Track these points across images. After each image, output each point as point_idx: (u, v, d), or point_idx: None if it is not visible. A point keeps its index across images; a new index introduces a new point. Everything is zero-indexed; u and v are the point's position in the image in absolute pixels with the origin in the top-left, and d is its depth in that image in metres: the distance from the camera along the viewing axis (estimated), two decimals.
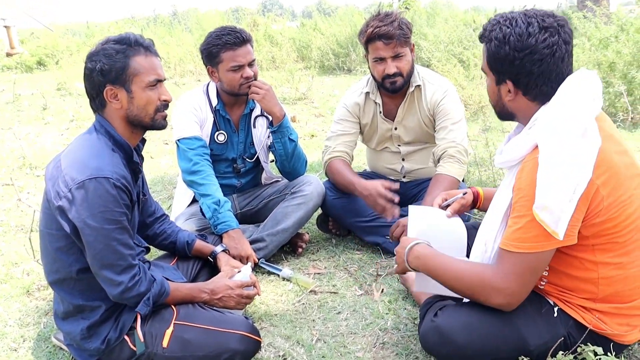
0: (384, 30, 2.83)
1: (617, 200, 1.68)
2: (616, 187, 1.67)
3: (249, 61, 2.86)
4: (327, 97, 7.85)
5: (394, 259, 2.97)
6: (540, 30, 1.70)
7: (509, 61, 1.75)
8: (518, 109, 1.84)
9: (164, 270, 2.30)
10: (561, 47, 1.70)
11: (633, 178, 1.72)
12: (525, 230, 1.68)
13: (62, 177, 1.90)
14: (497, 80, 1.84)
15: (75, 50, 12.52)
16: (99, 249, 1.90)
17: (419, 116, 3.08)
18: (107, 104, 2.00)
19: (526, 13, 1.75)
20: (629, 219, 1.70)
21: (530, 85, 1.76)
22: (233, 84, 2.87)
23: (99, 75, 1.95)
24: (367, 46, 2.95)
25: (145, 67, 2.00)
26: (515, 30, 1.71)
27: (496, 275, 1.76)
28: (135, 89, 1.99)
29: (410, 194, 3.26)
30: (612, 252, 1.74)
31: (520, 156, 1.76)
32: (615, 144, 1.74)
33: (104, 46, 1.98)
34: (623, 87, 5.22)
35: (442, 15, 11.27)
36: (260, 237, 2.94)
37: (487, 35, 1.80)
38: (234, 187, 3.18)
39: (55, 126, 6.71)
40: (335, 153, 3.15)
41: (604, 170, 1.65)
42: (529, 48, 1.70)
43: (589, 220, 1.68)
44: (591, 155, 1.63)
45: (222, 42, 2.82)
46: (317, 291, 2.73)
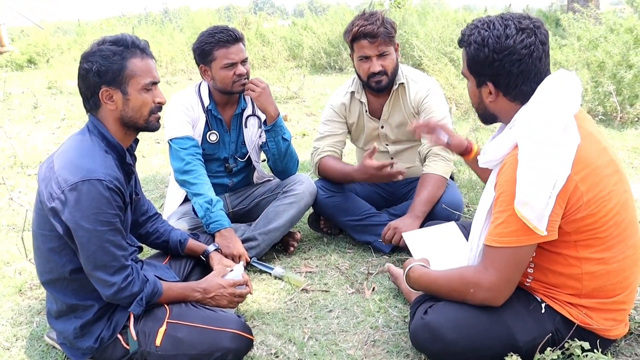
0: (369, 29, 2.87)
1: (597, 196, 1.72)
2: (595, 183, 1.72)
3: (241, 59, 2.88)
4: (318, 96, 7.87)
5: (384, 258, 3.03)
6: (517, 32, 1.75)
7: (489, 63, 1.79)
8: (499, 110, 1.88)
9: (157, 269, 2.31)
10: (538, 47, 1.76)
11: (612, 175, 1.77)
12: (506, 225, 1.74)
13: (55, 178, 1.91)
14: (477, 83, 1.88)
15: (66, 48, 12.48)
16: (92, 250, 1.91)
17: (404, 114, 3.11)
18: (102, 105, 2.01)
19: (503, 16, 1.81)
20: (608, 215, 1.74)
21: (510, 85, 1.81)
22: (226, 81, 2.89)
23: (95, 76, 1.96)
24: (353, 45, 2.98)
25: (142, 70, 2.02)
26: (494, 33, 1.77)
27: (477, 271, 1.84)
28: (131, 91, 2.00)
29: (400, 192, 3.29)
30: (594, 247, 1.78)
31: (502, 155, 1.80)
32: (595, 142, 1.78)
33: (101, 47, 1.98)
34: (612, 87, 5.26)
35: (432, 15, 11.29)
36: (252, 236, 2.96)
37: (465, 40, 1.85)
38: (226, 187, 3.20)
39: (47, 125, 6.69)
40: (324, 153, 3.18)
41: (582, 167, 1.70)
42: (507, 49, 1.75)
43: (569, 216, 1.72)
44: (570, 152, 1.68)
45: (215, 40, 2.83)
46: (308, 290, 2.75)
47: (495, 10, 11.63)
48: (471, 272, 1.87)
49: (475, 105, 1.97)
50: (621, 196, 1.79)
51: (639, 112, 5.53)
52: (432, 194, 2.92)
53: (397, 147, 3.22)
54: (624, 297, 1.87)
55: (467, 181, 3.99)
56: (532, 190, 1.66)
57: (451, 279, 1.93)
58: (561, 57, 6.41)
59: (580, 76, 5.76)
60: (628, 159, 4.43)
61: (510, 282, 1.82)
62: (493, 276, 1.80)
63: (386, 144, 3.23)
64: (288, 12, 55.39)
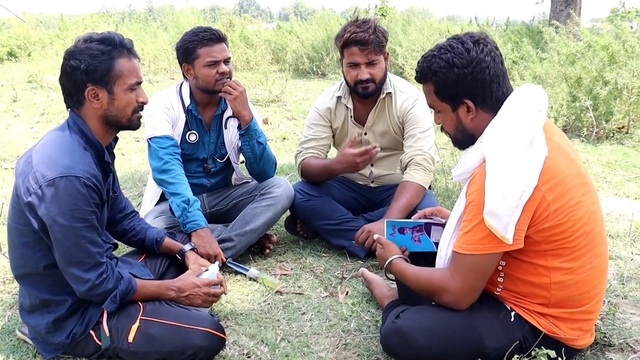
0: (360, 36, 2.89)
1: (564, 206, 1.76)
2: (562, 193, 1.76)
3: (224, 58, 2.89)
4: (300, 101, 7.90)
5: (359, 262, 3.06)
6: (474, 44, 1.84)
7: (461, 80, 1.84)
8: (478, 126, 1.91)
9: (132, 267, 2.32)
10: (496, 52, 1.86)
11: (580, 186, 1.81)
12: (473, 233, 1.79)
13: (32, 173, 1.91)
14: (453, 107, 1.92)
15: (48, 42, 12.37)
16: (67, 246, 1.92)
17: (389, 123, 3.15)
18: (85, 103, 2.01)
19: (451, 39, 1.89)
20: (576, 225, 1.79)
21: (486, 94, 1.86)
22: (208, 79, 2.90)
23: (82, 74, 1.95)
24: (343, 51, 3.00)
25: (129, 70, 2.03)
26: (455, 52, 1.84)
27: (444, 276, 1.89)
28: (117, 90, 2.01)
29: (378, 198, 3.33)
30: (563, 257, 1.82)
31: (473, 168, 1.85)
32: (563, 154, 1.83)
33: (88, 45, 1.98)
34: (589, 102, 5.36)
35: (417, 24, 11.41)
36: (229, 236, 2.97)
37: (427, 71, 1.90)
38: (204, 187, 3.20)
39: (25, 119, 6.63)
40: (307, 154, 3.21)
41: (549, 177, 1.74)
42: (474, 60, 1.82)
43: (537, 225, 1.76)
44: (537, 163, 1.73)
45: (199, 38, 2.85)
46: (282, 292, 2.77)
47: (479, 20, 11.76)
48: (438, 275, 1.92)
49: (452, 132, 2.00)
50: (589, 207, 1.84)
51: (613, 128, 5.66)
52: (409, 201, 2.95)
53: (378, 154, 3.24)
54: (590, 307, 1.91)
55: (443, 189, 4.04)
56: (499, 201, 1.70)
57: (422, 280, 1.97)
58: (541, 71, 6.52)
59: (559, 90, 5.87)
60: (602, 173, 4.52)
61: (474, 289, 1.87)
62: (457, 282, 1.85)
63: None
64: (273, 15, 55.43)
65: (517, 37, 10.04)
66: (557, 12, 10.62)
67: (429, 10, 15.46)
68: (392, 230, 2.22)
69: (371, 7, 14.42)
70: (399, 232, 2.22)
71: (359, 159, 2.86)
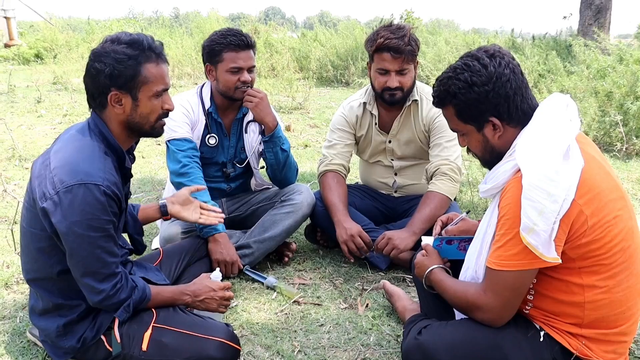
0: (395, 43, 2.80)
1: (602, 220, 1.67)
2: (600, 207, 1.67)
3: (249, 66, 2.83)
4: (323, 109, 7.84)
5: (379, 274, 2.97)
6: (490, 59, 1.77)
7: (484, 98, 1.77)
8: (506, 143, 1.83)
9: (147, 271, 2.25)
10: (513, 63, 1.79)
11: (617, 200, 1.72)
12: (507, 248, 1.70)
13: (50, 177, 1.83)
14: (478, 127, 1.84)
15: (74, 45, 12.47)
16: (83, 256, 1.85)
17: (414, 131, 3.06)
18: (108, 106, 1.93)
19: (465, 56, 1.82)
20: (614, 240, 1.69)
21: (512, 108, 1.78)
22: (229, 85, 2.84)
23: (106, 78, 1.87)
24: (374, 55, 2.91)
25: (155, 76, 1.94)
26: (473, 70, 1.76)
27: (477, 292, 1.81)
28: (141, 97, 1.93)
29: (400, 209, 3.23)
30: (599, 274, 1.72)
31: (503, 182, 1.77)
32: (598, 166, 1.74)
33: (115, 48, 1.88)
34: (619, 117, 5.23)
35: (442, 35, 11.32)
36: (247, 243, 2.90)
37: (444, 95, 1.83)
38: (223, 191, 3.14)
39: (49, 119, 6.66)
40: (331, 166, 3.12)
41: (586, 191, 1.66)
42: (493, 75, 1.75)
43: (574, 241, 1.67)
44: (574, 175, 1.64)
45: (226, 42, 2.79)
46: (300, 302, 2.69)
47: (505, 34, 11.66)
48: (472, 292, 1.83)
49: (480, 153, 1.92)
50: (627, 222, 1.74)
51: None
52: (433, 212, 2.85)
53: (402, 163, 3.17)
54: (625, 329, 1.81)
55: (468, 202, 3.94)
56: (537, 217, 1.62)
57: (458, 294, 1.89)
58: (569, 84, 6.39)
59: (588, 104, 5.74)
60: (632, 190, 4.39)
61: (509, 306, 1.78)
62: (492, 299, 1.77)
63: (391, 159, 3.18)
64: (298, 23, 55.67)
65: (544, 51, 9.91)
66: (586, 27, 10.47)
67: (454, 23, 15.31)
68: (439, 242, 2.14)
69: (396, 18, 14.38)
70: (446, 243, 2.13)
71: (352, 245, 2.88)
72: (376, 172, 3.27)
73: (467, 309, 1.86)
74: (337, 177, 3.10)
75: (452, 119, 1.88)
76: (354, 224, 2.91)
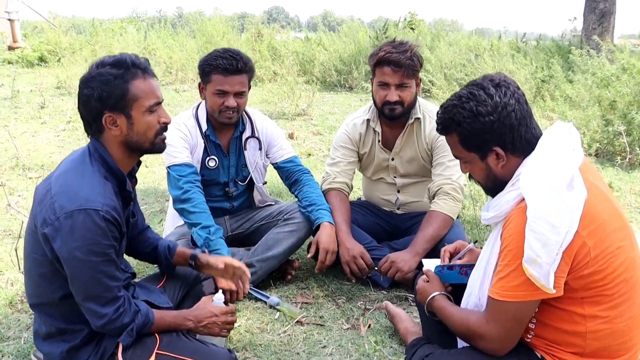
0: (395, 57, 2.82)
1: (605, 251, 1.67)
2: (603, 238, 1.67)
3: (235, 91, 2.83)
4: (326, 115, 7.84)
5: (382, 292, 2.97)
6: (495, 89, 1.77)
7: (489, 128, 1.77)
8: (509, 172, 1.83)
9: (150, 293, 2.26)
10: (518, 92, 1.80)
11: (619, 230, 1.72)
12: (509, 279, 1.70)
13: (50, 203, 1.85)
14: (481, 156, 1.84)
15: (78, 48, 12.47)
16: (84, 280, 1.86)
17: (417, 149, 3.07)
18: (105, 130, 1.94)
19: (470, 85, 1.83)
20: (616, 271, 1.70)
21: (516, 138, 1.78)
22: (213, 107, 2.87)
23: (97, 102, 1.88)
24: (375, 69, 2.93)
25: (145, 91, 1.94)
26: (479, 100, 1.77)
27: (479, 321, 1.81)
28: (135, 114, 1.94)
29: (403, 226, 3.24)
30: (601, 305, 1.72)
31: (506, 212, 1.77)
32: (601, 195, 1.75)
33: (100, 71, 1.89)
34: (622, 127, 5.22)
35: (445, 39, 11.31)
36: (250, 262, 2.90)
37: (449, 123, 1.83)
38: (226, 210, 3.15)
39: (52, 126, 6.67)
40: (334, 184, 3.13)
41: (590, 222, 1.66)
42: (499, 105, 1.75)
43: (576, 272, 1.67)
44: (578, 207, 1.65)
45: (216, 64, 2.79)
46: (303, 322, 2.69)
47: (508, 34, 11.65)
48: (474, 321, 1.83)
49: (483, 181, 1.92)
50: (629, 252, 1.74)
51: None
52: (436, 232, 2.86)
53: (404, 181, 3.18)
54: (627, 358, 1.81)
55: (471, 217, 3.93)
56: (540, 249, 1.62)
57: (459, 323, 1.89)
58: (572, 92, 6.39)
59: (591, 113, 5.74)
60: (635, 203, 4.37)
61: (511, 336, 1.78)
62: (494, 329, 1.77)
63: (394, 176, 3.19)
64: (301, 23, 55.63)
65: (547, 56, 9.90)
66: (590, 31, 10.45)
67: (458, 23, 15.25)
68: (440, 268, 2.14)
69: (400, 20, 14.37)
70: (447, 269, 2.14)
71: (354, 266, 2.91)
72: (379, 189, 3.28)
73: (469, 338, 1.86)
74: (340, 196, 3.10)
75: (455, 146, 1.88)
76: (357, 244, 2.92)
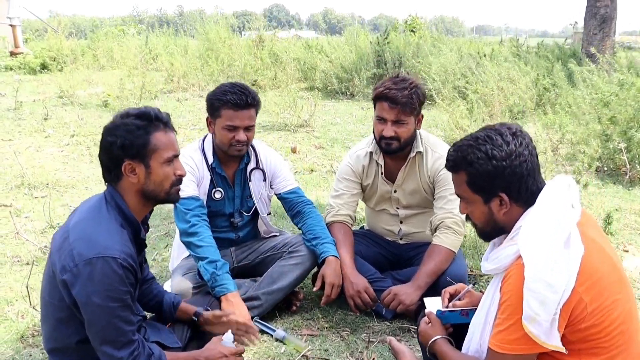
0: (393, 94, 2.87)
1: (601, 305, 1.72)
2: (599, 292, 1.72)
3: (245, 125, 2.89)
4: (328, 126, 7.88)
5: (385, 323, 3.03)
6: (512, 137, 1.82)
7: (500, 173, 1.81)
8: (510, 220, 1.88)
9: (160, 333, 2.32)
10: (532, 145, 1.85)
11: (615, 283, 1.77)
12: (508, 332, 1.75)
13: (69, 250, 1.92)
14: (485, 199, 1.88)
15: (79, 54, 12.55)
16: (101, 325, 1.93)
17: (419, 182, 3.12)
18: (123, 177, 2.03)
19: (488, 129, 1.87)
20: (613, 324, 1.74)
21: (522, 188, 1.82)
22: (224, 141, 2.92)
23: (119, 149, 1.98)
24: (375, 103, 2.99)
25: (165, 143, 2.05)
26: (495, 144, 1.81)
27: None
28: (153, 164, 2.03)
29: (406, 256, 3.29)
30: (598, 356, 1.76)
31: (506, 265, 1.81)
32: (598, 250, 1.78)
33: (125, 121, 2.01)
34: (622, 145, 5.26)
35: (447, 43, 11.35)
36: (256, 295, 2.96)
37: (461, 161, 1.87)
38: (231, 241, 3.21)
39: (56, 140, 6.73)
40: (338, 217, 3.19)
41: (586, 278, 1.70)
42: (513, 154, 1.79)
43: (574, 326, 1.72)
44: (574, 264, 1.69)
45: (226, 99, 2.85)
46: (309, 356, 2.75)
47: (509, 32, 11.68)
48: None
49: (481, 224, 1.96)
50: (625, 305, 1.79)
51: None
52: (438, 266, 2.92)
53: (407, 212, 3.24)
54: None
55: (472, 241, 3.98)
56: (538, 307, 1.67)
57: None
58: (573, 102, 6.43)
59: (592, 128, 5.78)
60: (635, 225, 4.41)
61: None
62: None
63: (397, 207, 3.24)
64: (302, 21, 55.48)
65: (548, 62, 9.94)
66: (591, 36, 10.48)
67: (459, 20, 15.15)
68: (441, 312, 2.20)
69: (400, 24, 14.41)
70: (448, 311, 2.20)
71: (358, 300, 2.99)
72: (382, 219, 3.34)
73: None
74: (344, 229, 3.16)
75: (461, 185, 1.91)
76: (361, 278, 2.98)
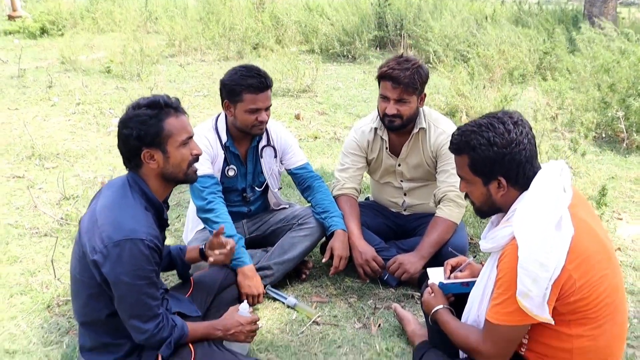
0: (396, 74, 2.98)
1: (589, 281, 1.88)
2: (588, 269, 1.88)
3: (266, 106, 3.02)
4: (331, 91, 7.92)
5: (390, 290, 3.20)
6: (514, 126, 1.96)
7: (500, 159, 1.96)
8: (506, 201, 2.03)
9: (181, 303, 2.49)
10: (531, 134, 1.99)
11: (603, 261, 1.93)
12: (504, 306, 1.93)
13: (98, 232, 2.08)
14: (484, 182, 2.03)
15: (79, 18, 12.48)
16: (130, 302, 2.10)
17: (422, 156, 3.25)
18: (143, 164, 2.18)
19: (491, 116, 2.00)
20: (599, 297, 1.91)
21: (520, 174, 1.98)
22: (247, 123, 3.04)
23: (135, 140, 2.13)
24: (379, 81, 3.10)
25: (178, 128, 2.19)
26: (497, 132, 1.95)
27: (477, 339, 2.04)
28: (170, 149, 2.18)
29: (410, 226, 3.45)
30: (586, 326, 1.94)
31: (502, 245, 1.98)
32: (588, 230, 1.94)
33: (137, 112, 2.15)
34: (621, 113, 5.37)
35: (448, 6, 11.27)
36: (268, 265, 3.13)
37: (464, 146, 2.01)
38: (244, 214, 3.37)
39: (62, 109, 6.79)
40: (344, 190, 3.34)
41: (576, 256, 1.86)
42: (513, 142, 1.94)
43: (563, 299, 1.89)
44: (564, 245, 1.85)
45: (247, 84, 2.96)
46: (319, 322, 2.93)
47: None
48: (474, 338, 2.05)
49: (479, 204, 2.11)
50: (612, 280, 1.95)
51: None
52: (441, 237, 3.09)
53: (411, 185, 3.38)
54: None
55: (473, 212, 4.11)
56: (531, 284, 1.83)
57: (460, 339, 2.12)
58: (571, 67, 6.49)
59: (591, 95, 5.88)
60: (630, 192, 4.55)
61: (505, 353, 2.01)
62: (490, 348, 2.00)
63: (401, 180, 3.39)
64: None
65: (550, 25, 9.92)
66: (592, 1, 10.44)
67: None
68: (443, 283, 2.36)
69: None
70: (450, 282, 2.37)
71: (367, 268, 3.15)
72: (386, 191, 3.48)
73: (468, 352, 2.10)
74: (350, 201, 3.31)
75: (463, 167, 2.06)
76: (368, 247, 3.14)
